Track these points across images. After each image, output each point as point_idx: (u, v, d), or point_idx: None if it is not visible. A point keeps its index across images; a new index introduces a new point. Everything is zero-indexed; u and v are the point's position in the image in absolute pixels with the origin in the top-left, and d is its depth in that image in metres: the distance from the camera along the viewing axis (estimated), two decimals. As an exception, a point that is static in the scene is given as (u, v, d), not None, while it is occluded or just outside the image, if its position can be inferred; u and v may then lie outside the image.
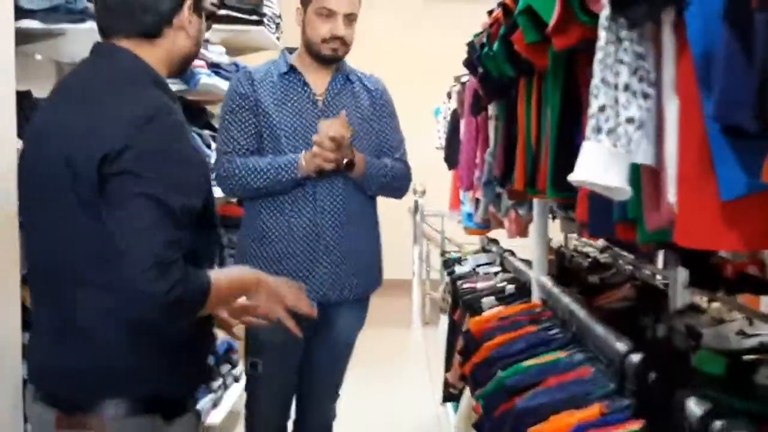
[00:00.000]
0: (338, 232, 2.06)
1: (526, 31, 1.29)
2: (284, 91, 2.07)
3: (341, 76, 2.14)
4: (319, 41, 2.03)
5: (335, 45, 2.03)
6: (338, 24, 2.01)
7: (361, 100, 2.15)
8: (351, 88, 2.15)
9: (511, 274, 2.81)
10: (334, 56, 2.06)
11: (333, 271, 2.07)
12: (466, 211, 3.16)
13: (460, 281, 2.99)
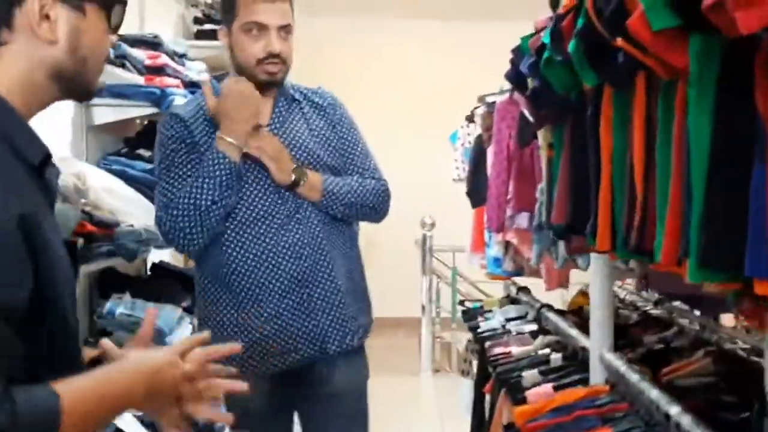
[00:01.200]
0: (329, 274, 1.81)
1: (655, 11, 0.79)
2: None
3: (284, 99, 1.84)
4: (253, 63, 1.73)
5: (273, 66, 1.73)
6: (272, 39, 1.70)
7: (314, 121, 1.87)
8: (299, 109, 1.86)
9: (553, 337, 2.29)
10: (272, 80, 1.77)
11: (332, 317, 1.81)
12: (493, 255, 2.65)
13: (489, 343, 2.46)
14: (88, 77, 0.93)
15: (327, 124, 1.87)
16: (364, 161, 1.89)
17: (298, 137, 1.82)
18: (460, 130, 3.25)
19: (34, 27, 0.86)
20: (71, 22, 0.88)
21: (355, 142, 1.90)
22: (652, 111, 1.00)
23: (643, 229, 1.00)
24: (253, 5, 1.70)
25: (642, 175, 1.01)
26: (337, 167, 1.85)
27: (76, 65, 0.90)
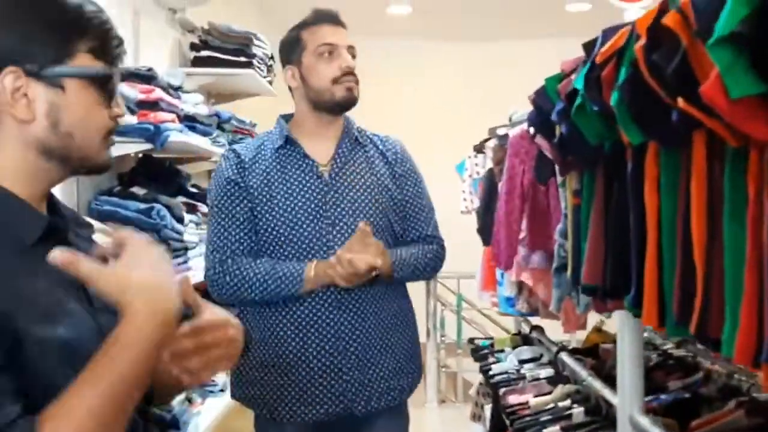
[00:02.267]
0: (361, 328, 1.73)
1: (734, 75, 0.66)
2: (281, 169, 1.73)
3: (349, 140, 1.80)
4: (330, 83, 1.72)
5: (350, 81, 1.73)
6: (344, 56, 1.73)
7: (377, 167, 1.80)
8: (363, 152, 1.81)
9: (573, 386, 2.15)
10: (351, 97, 1.75)
11: (357, 377, 1.73)
12: (505, 295, 2.52)
13: (504, 389, 2.32)
14: (84, 152, 0.90)
15: (390, 174, 1.80)
16: (426, 222, 1.84)
17: (358, 182, 1.75)
18: (467, 160, 3.12)
19: (9, 108, 0.85)
20: (49, 99, 0.87)
21: (418, 199, 1.83)
22: (715, 177, 0.87)
23: (706, 314, 0.87)
24: (319, 30, 1.74)
25: (703, 251, 0.88)
26: (394, 220, 1.78)
27: (61, 141, 0.88)
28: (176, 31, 3.34)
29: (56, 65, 0.86)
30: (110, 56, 0.91)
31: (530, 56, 6.24)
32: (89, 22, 0.89)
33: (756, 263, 0.76)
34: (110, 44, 0.91)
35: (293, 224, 1.69)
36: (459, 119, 6.16)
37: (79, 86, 0.88)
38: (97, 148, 0.92)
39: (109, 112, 0.92)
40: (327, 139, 1.77)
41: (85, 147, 0.90)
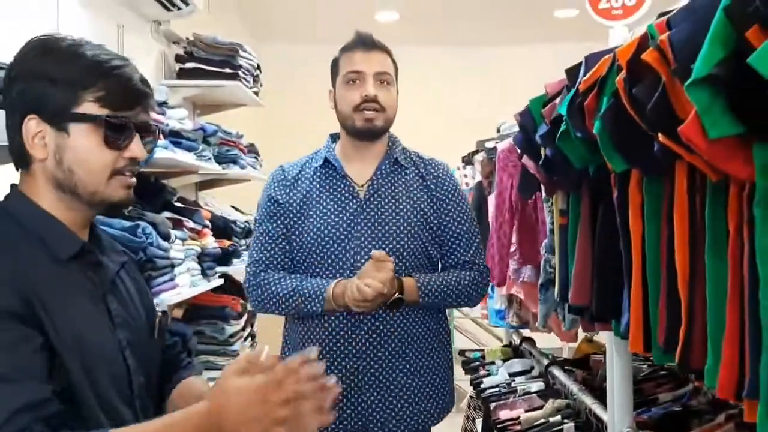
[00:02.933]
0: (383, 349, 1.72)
1: (711, 116, 0.65)
2: (319, 187, 1.77)
3: (389, 162, 1.80)
4: (351, 111, 1.74)
5: (369, 111, 1.73)
6: (367, 85, 1.72)
7: (414, 190, 1.80)
8: (403, 175, 1.80)
9: (564, 400, 2.14)
10: (371, 127, 1.74)
11: (375, 397, 1.72)
12: (495, 308, 2.51)
13: (495, 404, 2.31)
14: (90, 187, 1.02)
15: (428, 198, 1.79)
16: (465, 247, 1.80)
17: (392, 204, 1.74)
18: (456, 171, 3.11)
19: (30, 149, 1.00)
20: (56, 141, 1.00)
21: (458, 224, 1.79)
22: (696, 208, 0.87)
23: (690, 344, 0.86)
24: (351, 57, 1.76)
25: (686, 282, 0.87)
26: (429, 244, 1.77)
27: (66, 177, 1.01)
28: (161, 43, 3.31)
29: (63, 113, 0.99)
30: (118, 104, 1.00)
31: (519, 62, 6.25)
32: (97, 75, 0.99)
33: (737, 298, 0.75)
34: (118, 93, 1.00)
35: (324, 242, 1.72)
36: (448, 126, 6.15)
37: (84, 130, 1.00)
38: (104, 184, 1.02)
39: (121, 153, 1.02)
40: (368, 160, 1.78)
41: (90, 183, 1.02)
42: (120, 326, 1.06)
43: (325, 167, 1.79)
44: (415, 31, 6.06)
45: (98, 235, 1.13)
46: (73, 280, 1.01)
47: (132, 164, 1.04)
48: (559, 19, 5.68)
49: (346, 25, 6.57)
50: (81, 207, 1.04)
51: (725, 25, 0.64)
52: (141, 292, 1.19)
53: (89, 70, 0.99)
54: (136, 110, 1.03)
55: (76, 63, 0.99)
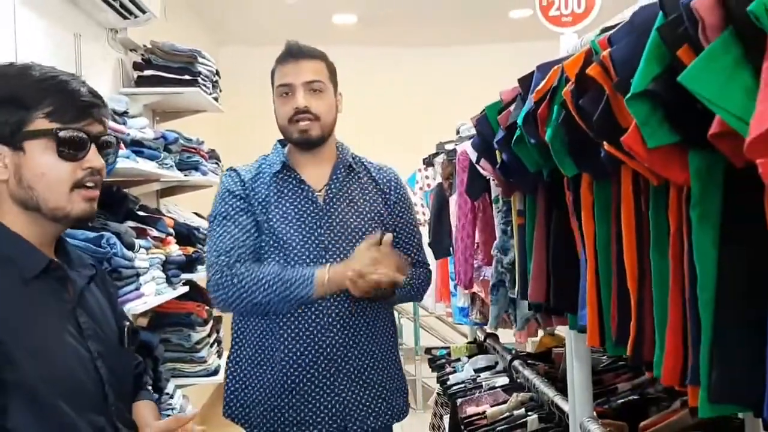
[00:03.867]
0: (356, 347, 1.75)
1: (650, 127, 0.71)
2: (277, 192, 1.76)
3: (343, 167, 1.83)
4: (287, 123, 1.76)
5: (303, 123, 1.73)
6: (297, 96, 1.73)
7: (370, 193, 1.84)
8: (356, 178, 1.84)
9: (527, 393, 2.21)
10: (306, 137, 1.75)
11: (352, 396, 1.75)
12: (459, 306, 2.57)
13: (461, 400, 2.37)
14: (51, 203, 1.05)
15: (383, 201, 1.84)
16: (416, 248, 1.88)
17: (351, 208, 1.77)
18: (417, 173, 3.16)
19: None
20: (14, 161, 1.04)
21: (409, 226, 1.87)
22: (642, 209, 0.93)
23: (641, 337, 0.93)
24: (282, 69, 1.76)
25: (635, 279, 0.93)
26: None
27: (26, 194, 1.04)
28: (118, 51, 3.29)
29: (16, 132, 1.02)
30: (68, 117, 1.04)
31: (476, 61, 6.35)
32: (45, 92, 1.03)
33: (678, 293, 0.81)
34: (67, 107, 1.04)
35: (288, 248, 1.72)
36: (408, 126, 6.20)
37: (38, 146, 1.03)
38: (66, 198, 1.04)
39: (80, 164, 1.04)
40: (321, 165, 1.80)
41: (51, 198, 1.04)
42: (90, 338, 1.09)
43: (282, 172, 1.79)
44: (373, 33, 6.10)
45: (66, 249, 1.15)
46: (39, 297, 1.04)
47: (92, 175, 1.06)
48: (514, 19, 5.79)
49: (304, 28, 6.59)
50: (45, 223, 1.06)
51: (659, 44, 0.70)
52: (112, 302, 1.21)
53: (36, 88, 1.03)
54: (87, 121, 1.06)
55: (23, 83, 1.03)
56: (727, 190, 0.72)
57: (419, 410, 4.97)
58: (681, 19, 0.66)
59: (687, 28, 0.65)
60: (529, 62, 2.26)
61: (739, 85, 0.58)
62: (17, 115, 1.02)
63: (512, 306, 2.01)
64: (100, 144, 1.08)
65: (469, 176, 2.00)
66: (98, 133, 1.08)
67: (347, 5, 5.46)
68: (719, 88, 0.59)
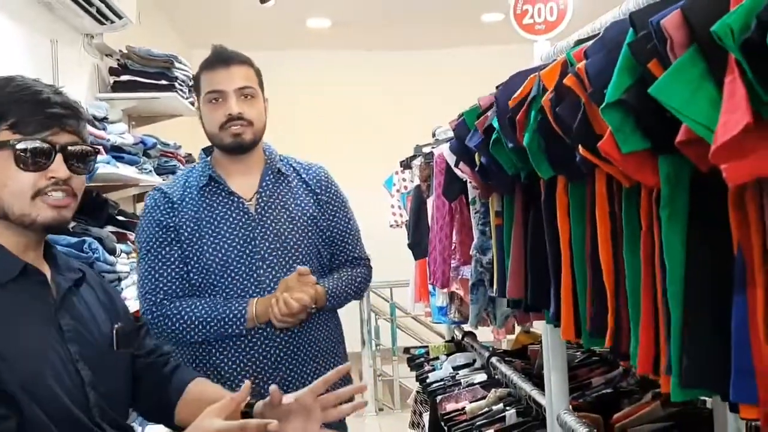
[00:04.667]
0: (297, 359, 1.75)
1: (623, 134, 0.78)
2: (208, 208, 1.73)
3: (271, 172, 1.80)
4: (217, 130, 1.72)
5: (236, 127, 1.71)
6: (230, 103, 1.70)
7: (301, 196, 1.81)
8: (286, 182, 1.81)
9: (505, 389, 2.28)
10: (239, 141, 1.73)
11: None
12: (438, 305, 2.63)
13: (440, 397, 2.43)
14: (13, 211, 1.06)
15: (315, 202, 1.81)
16: (353, 245, 1.86)
17: (283, 214, 1.75)
18: (395, 176, 3.22)
19: None
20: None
21: (345, 223, 1.85)
22: (615, 209, 1.00)
23: (619, 330, 0.99)
24: (211, 76, 1.73)
25: (611, 275, 1.00)
26: (321, 247, 1.80)
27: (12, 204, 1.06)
28: (94, 56, 3.28)
29: None
30: (32, 129, 1.05)
31: (450, 64, 6.43)
32: (10, 105, 1.05)
33: (649, 288, 0.88)
34: (31, 119, 1.05)
35: (223, 262, 1.69)
36: (383, 129, 6.25)
37: (1, 157, 1.05)
38: (29, 206, 1.06)
39: (43, 174, 1.06)
40: (249, 172, 1.77)
41: (15, 205, 1.06)
42: (71, 340, 1.10)
43: (210, 185, 1.75)
44: (347, 37, 6.15)
45: (53, 253, 1.17)
46: (15, 300, 1.06)
47: (56, 185, 1.07)
48: (486, 23, 5.88)
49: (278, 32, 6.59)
50: (17, 230, 1.08)
51: (630, 58, 0.76)
52: (105, 305, 1.22)
53: (6, 101, 1.06)
54: (52, 131, 1.07)
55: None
56: (693, 192, 0.78)
57: (397, 410, 5.03)
58: (650, 35, 0.72)
59: (656, 44, 0.71)
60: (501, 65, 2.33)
61: (704, 97, 0.64)
62: None
63: (491, 304, 2.07)
64: (69, 154, 1.09)
65: (446, 179, 2.05)
66: (66, 143, 1.08)
67: (321, 9, 5.50)
68: (686, 99, 0.65)
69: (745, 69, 0.58)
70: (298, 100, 6.48)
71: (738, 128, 0.58)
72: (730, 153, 0.60)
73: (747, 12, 0.57)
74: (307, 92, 6.43)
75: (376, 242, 5.09)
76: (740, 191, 0.70)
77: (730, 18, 0.58)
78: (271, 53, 6.37)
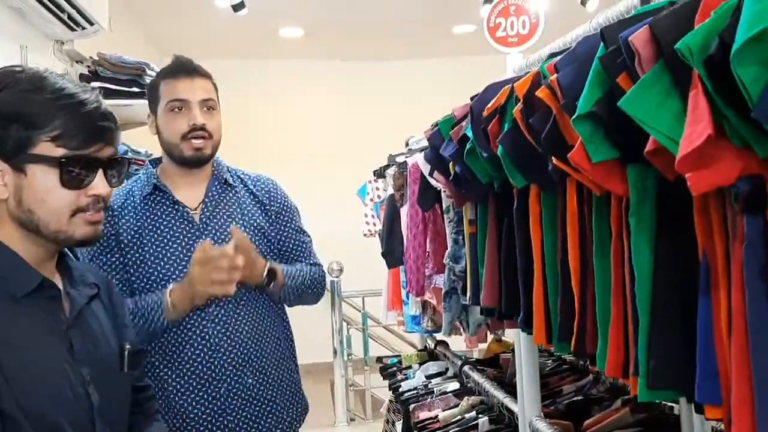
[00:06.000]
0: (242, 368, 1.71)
1: (593, 144, 0.81)
2: (151, 216, 1.72)
3: (218, 183, 1.79)
4: (179, 139, 1.70)
5: (198, 140, 1.71)
6: (194, 113, 1.70)
7: (247, 207, 1.81)
8: (233, 193, 1.81)
9: (477, 397, 2.30)
10: (200, 155, 1.72)
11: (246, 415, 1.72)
12: (411, 314, 2.65)
13: (413, 406, 2.44)
14: (51, 227, 1.00)
15: (262, 213, 1.81)
16: (305, 254, 1.86)
17: (229, 223, 1.74)
18: (368, 184, 3.24)
19: None
20: (14, 182, 0.99)
21: (295, 233, 1.85)
22: (585, 217, 1.03)
23: (583, 334, 1.02)
24: (174, 84, 1.71)
25: (578, 280, 1.03)
26: (269, 257, 1.77)
27: (25, 216, 1.00)
28: (64, 62, 3.25)
29: (18, 154, 0.97)
30: (76, 143, 0.98)
31: (423, 75, 6.50)
32: (53, 114, 0.97)
33: (619, 291, 0.91)
34: (76, 132, 0.97)
35: (165, 271, 1.68)
36: (355, 138, 6.28)
37: (41, 171, 0.98)
38: (66, 223, 1.00)
39: (84, 191, 1.00)
40: (195, 183, 1.76)
41: (51, 223, 1.00)
42: (82, 362, 1.03)
43: (154, 194, 1.74)
44: (319, 46, 6.18)
45: (69, 266, 1.10)
46: (28, 317, 1.00)
47: (97, 202, 1.02)
48: (457, 34, 5.97)
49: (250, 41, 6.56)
50: (45, 243, 1.02)
51: (600, 71, 0.80)
52: (114, 320, 1.16)
53: (44, 108, 0.97)
54: (98, 146, 0.99)
55: (33, 99, 0.97)
56: (660, 200, 0.81)
57: (369, 420, 5.02)
58: (620, 50, 0.75)
59: (625, 59, 0.74)
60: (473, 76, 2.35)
61: (669, 110, 0.68)
62: (20, 135, 0.96)
63: (464, 312, 2.09)
64: (109, 168, 1.03)
65: (420, 188, 2.08)
66: (108, 156, 1.02)
67: (294, 19, 5.52)
68: (652, 112, 0.68)
69: (706, 84, 0.61)
70: (271, 109, 6.48)
71: (701, 139, 0.61)
72: (694, 163, 0.63)
73: (708, 31, 0.61)
74: (280, 101, 6.44)
75: (348, 251, 5.13)
76: (704, 199, 0.74)
77: (691, 36, 0.62)
78: (244, 62, 6.38)
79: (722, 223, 0.72)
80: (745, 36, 0.54)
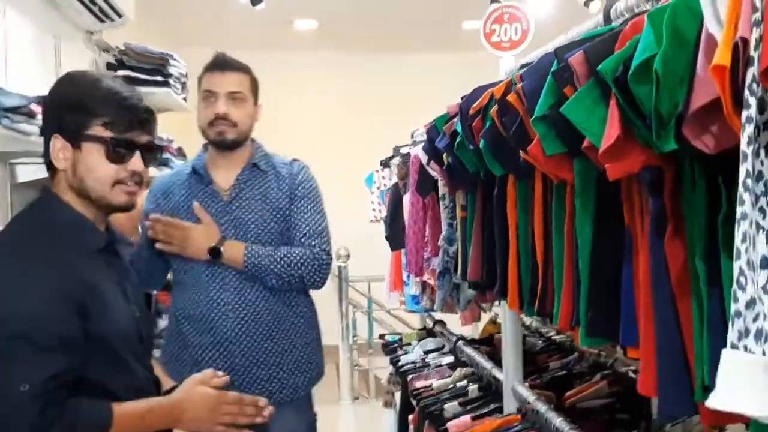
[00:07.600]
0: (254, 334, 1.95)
1: (547, 141, 1.01)
2: (188, 194, 2.00)
3: (248, 170, 2.02)
4: (206, 125, 1.98)
5: (220, 126, 1.95)
6: (218, 103, 1.94)
7: (272, 190, 2.00)
8: (263, 177, 2.02)
9: (469, 368, 2.51)
10: (221, 139, 1.97)
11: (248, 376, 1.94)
12: (411, 294, 2.86)
13: (411, 376, 2.65)
14: (97, 193, 1.27)
15: (286, 196, 1.99)
16: (302, 231, 1.98)
17: (251, 206, 1.97)
18: (375, 174, 3.44)
19: (55, 162, 1.26)
20: (72, 156, 1.26)
21: (306, 213, 1.99)
22: (548, 200, 1.24)
23: (544, 297, 1.23)
24: (208, 77, 1.97)
25: (542, 253, 1.24)
26: (283, 237, 1.98)
27: (77, 183, 1.27)
28: (93, 52, 3.47)
29: (77, 134, 1.25)
30: (121, 128, 1.25)
31: (433, 68, 6.63)
32: (106, 105, 1.25)
33: (570, 260, 1.12)
34: (122, 120, 1.25)
35: None
36: (366, 129, 6.44)
37: (92, 148, 1.26)
38: (109, 191, 1.27)
39: (123, 167, 1.26)
40: (230, 166, 2.00)
41: (97, 189, 1.27)
42: (133, 303, 1.34)
43: (194, 175, 2.02)
44: (334, 38, 6.35)
45: (112, 230, 1.38)
46: (100, 267, 1.28)
47: (133, 176, 1.28)
48: (467, 30, 6.12)
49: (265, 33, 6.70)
50: (93, 208, 1.29)
51: (552, 83, 1.00)
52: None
53: (101, 101, 1.25)
54: (137, 132, 1.27)
55: (92, 93, 1.25)
56: (599, 185, 1.02)
57: (372, 398, 5.25)
58: (567, 67, 0.96)
59: (570, 75, 0.95)
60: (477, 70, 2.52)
61: (597, 116, 0.88)
62: (80, 119, 1.24)
63: (456, 290, 2.30)
64: (146, 150, 1.29)
65: (419, 176, 2.29)
66: (145, 142, 1.29)
67: (308, 11, 5.69)
68: (585, 117, 0.89)
69: (618, 98, 0.81)
70: (285, 100, 6.67)
71: (612, 139, 0.81)
72: (610, 156, 0.84)
73: (618, 57, 0.81)
74: (294, 92, 6.62)
75: (355, 238, 5.32)
76: (628, 185, 0.95)
77: (607, 61, 0.82)
78: (258, 53, 6.53)
79: (641, 204, 0.93)
80: (636, 62, 0.75)
